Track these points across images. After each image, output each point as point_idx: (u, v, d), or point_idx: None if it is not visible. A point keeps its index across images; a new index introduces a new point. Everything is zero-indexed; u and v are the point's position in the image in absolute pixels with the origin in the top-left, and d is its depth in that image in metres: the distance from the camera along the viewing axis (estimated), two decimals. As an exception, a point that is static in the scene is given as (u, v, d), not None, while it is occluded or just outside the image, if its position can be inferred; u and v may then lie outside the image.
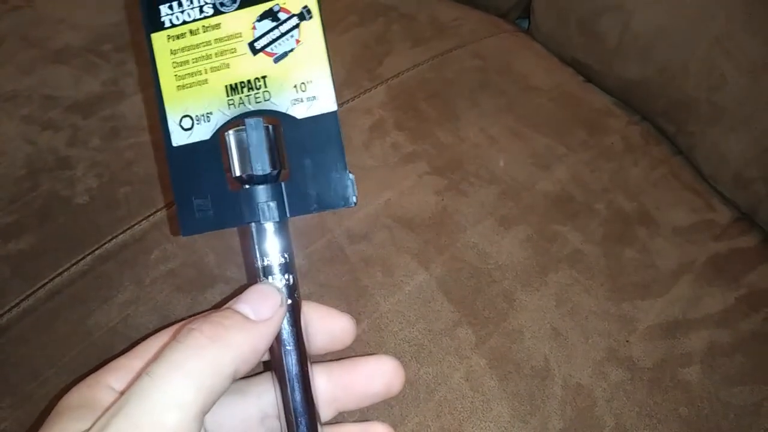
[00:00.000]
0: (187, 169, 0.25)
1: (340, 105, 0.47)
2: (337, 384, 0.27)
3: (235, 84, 0.25)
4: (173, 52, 0.25)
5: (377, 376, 0.27)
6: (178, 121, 0.25)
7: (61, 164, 0.41)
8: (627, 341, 0.37)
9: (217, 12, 0.25)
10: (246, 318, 0.22)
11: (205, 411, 0.20)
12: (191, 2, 0.25)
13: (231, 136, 0.24)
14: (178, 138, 0.25)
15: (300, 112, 0.25)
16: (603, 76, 0.54)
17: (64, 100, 0.45)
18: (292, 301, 0.24)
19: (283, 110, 0.24)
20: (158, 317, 0.35)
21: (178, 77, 0.25)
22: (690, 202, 0.46)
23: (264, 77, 0.25)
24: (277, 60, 0.25)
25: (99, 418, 0.20)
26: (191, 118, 0.25)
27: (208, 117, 0.25)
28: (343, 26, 0.54)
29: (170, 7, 0.25)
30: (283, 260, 0.24)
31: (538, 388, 0.35)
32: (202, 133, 0.25)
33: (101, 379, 0.23)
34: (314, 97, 0.25)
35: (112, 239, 0.38)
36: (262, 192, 0.24)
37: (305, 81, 0.25)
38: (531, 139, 0.47)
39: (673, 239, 0.43)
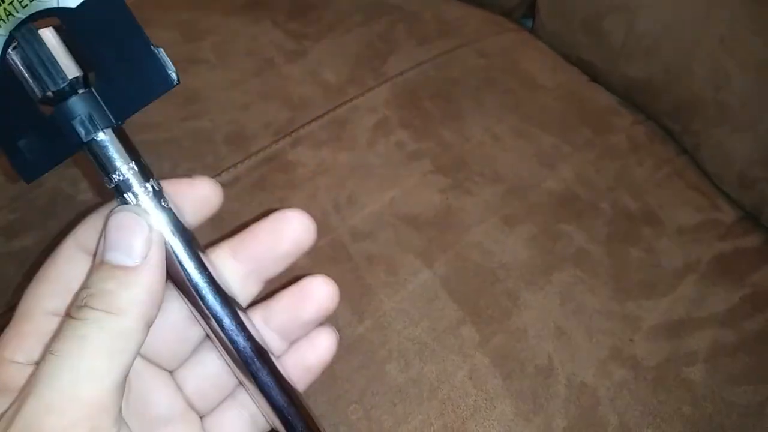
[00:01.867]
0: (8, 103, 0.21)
1: (343, 103, 0.47)
2: (244, 258, 0.24)
3: None
4: None
5: (282, 233, 0.24)
6: None
7: (65, 162, 0.41)
8: (631, 340, 0.37)
9: None
10: (126, 268, 0.19)
11: (124, 377, 0.19)
12: None
13: (12, 57, 0.20)
14: None
15: (72, 0, 0.20)
16: (608, 76, 0.54)
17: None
18: (165, 205, 0.21)
19: (54, 4, 0.20)
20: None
21: None
22: (695, 202, 0.46)
23: None
24: None
25: (12, 403, 0.19)
26: None
27: None
28: (347, 25, 0.54)
29: None
30: (135, 169, 0.21)
31: (542, 386, 0.35)
32: None
33: (5, 354, 0.21)
34: None
35: (116, 236, 0.38)
36: (75, 106, 0.20)
37: None
38: (536, 138, 0.47)
39: (677, 239, 0.43)
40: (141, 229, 0.20)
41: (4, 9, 0.20)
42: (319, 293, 0.24)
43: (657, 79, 0.50)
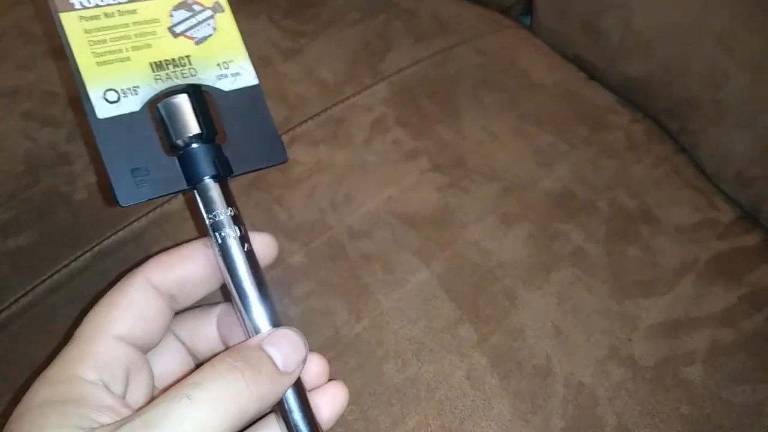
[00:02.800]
0: (118, 140, 0.24)
1: (340, 101, 0.47)
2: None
3: (160, 61, 0.26)
4: (88, 32, 0.25)
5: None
6: (101, 95, 0.24)
7: (61, 160, 0.41)
8: (629, 340, 0.37)
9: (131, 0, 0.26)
10: (276, 368, 0.23)
11: None
12: None
13: (163, 105, 0.25)
14: (103, 111, 0.24)
15: (226, 85, 0.27)
16: (606, 74, 0.54)
17: (64, 96, 0.44)
18: (248, 249, 0.25)
19: (210, 84, 0.26)
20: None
21: (97, 54, 0.25)
22: (693, 201, 0.46)
23: (188, 56, 0.26)
24: (198, 43, 0.27)
25: (121, 422, 0.20)
26: (116, 91, 0.25)
27: (135, 90, 0.25)
28: (344, 22, 0.54)
29: None
30: (231, 213, 0.25)
31: (540, 386, 0.35)
32: (131, 105, 0.25)
33: (77, 371, 0.22)
34: (237, 73, 0.27)
35: (111, 236, 0.38)
36: (201, 151, 0.25)
37: (227, 60, 0.27)
38: (533, 136, 0.47)
39: (675, 237, 0.43)
40: (301, 352, 0.24)
41: (167, 74, 0.26)
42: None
43: (655, 78, 0.49)
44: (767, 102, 0.43)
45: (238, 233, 0.25)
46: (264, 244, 0.27)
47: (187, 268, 0.26)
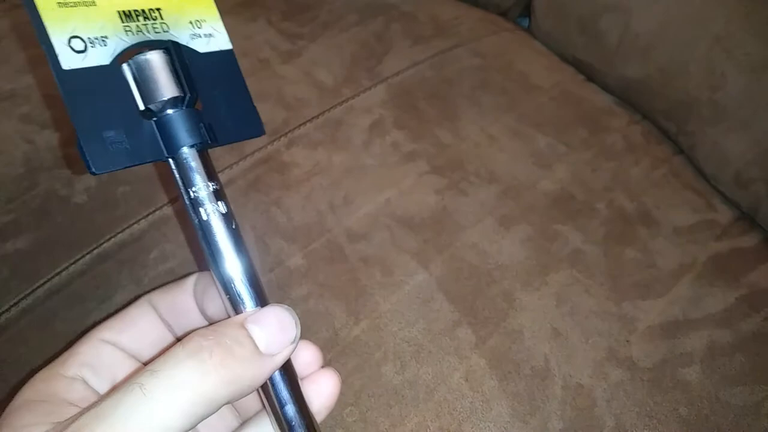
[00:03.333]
0: (88, 97, 0.21)
1: (339, 104, 0.47)
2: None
3: (129, 11, 0.23)
4: None
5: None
6: (66, 41, 0.21)
7: (60, 163, 0.41)
8: (627, 341, 0.37)
9: None
10: (255, 349, 0.21)
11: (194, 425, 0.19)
12: None
13: (136, 62, 0.22)
14: (69, 61, 0.21)
15: (200, 46, 0.24)
16: (604, 75, 0.54)
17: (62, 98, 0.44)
18: (235, 226, 0.23)
19: (184, 43, 0.24)
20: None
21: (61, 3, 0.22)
22: (691, 202, 0.46)
23: (158, 9, 0.23)
24: None
25: (75, 417, 0.19)
26: (82, 39, 0.22)
27: (103, 41, 0.22)
28: (342, 25, 0.54)
29: None
30: (214, 187, 0.23)
31: (538, 388, 0.35)
32: (100, 57, 0.22)
33: (59, 370, 0.22)
34: (210, 35, 0.25)
35: (110, 238, 0.38)
36: (172, 120, 0.22)
37: (199, 19, 0.24)
38: (531, 138, 0.47)
39: (673, 239, 0.43)
40: (290, 332, 0.22)
41: (137, 26, 0.23)
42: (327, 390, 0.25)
43: (653, 79, 0.50)
44: (765, 103, 0.43)
45: (223, 210, 0.22)
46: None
47: (180, 296, 0.25)
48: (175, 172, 0.23)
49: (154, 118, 0.22)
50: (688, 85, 0.47)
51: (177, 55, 0.23)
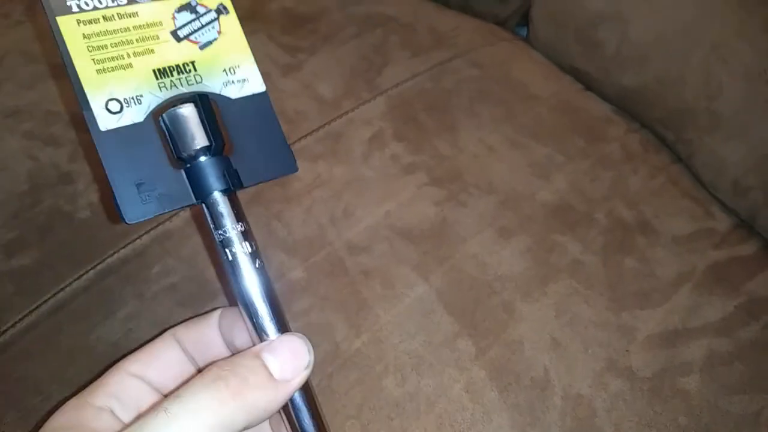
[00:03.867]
0: (122, 154, 0.23)
1: (339, 116, 0.48)
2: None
3: (163, 68, 0.25)
4: (87, 36, 0.24)
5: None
6: (103, 105, 0.23)
7: (63, 179, 0.41)
8: (626, 351, 0.37)
9: (132, 2, 0.25)
10: (270, 376, 0.22)
11: None
12: None
13: (168, 116, 0.24)
14: (106, 122, 0.23)
15: (233, 92, 0.26)
16: (601, 84, 0.54)
17: (65, 115, 0.45)
18: (260, 264, 0.24)
19: (217, 91, 0.25)
20: (160, 331, 0.35)
21: (97, 61, 0.24)
22: (689, 211, 0.46)
23: (192, 62, 0.25)
24: (202, 47, 0.26)
25: None
26: (119, 101, 0.24)
27: (138, 100, 0.24)
28: (341, 37, 0.54)
29: None
30: (241, 229, 0.24)
31: (538, 398, 0.35)
32: (134, 116, 0.24)
33: (89, 399, 0.24)
34: (245, 79, 0.26)
35: (113, 254, 0.38)
36: (209, 164, 0.24)
37: (233, 66, 0.26)
38: (530, 149, 0.48)
39: (672, 248, 0.43)
40: (302, 359, 0.23)
41: (171, 81, 0.24)
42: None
43: (650, 88, 0.50)
44: (761, 111, 0.44)
45: (249, 249, 0.24)
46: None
47: (206, 329, 0.27)
48: (207, 214, 0.24)
49: (186, 166, 0.24)
50: (685, 93, 0.47)
51: (206, 105, 0.25)
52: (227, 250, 0.24)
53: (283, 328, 0.24)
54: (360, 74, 0.51)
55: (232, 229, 0.24)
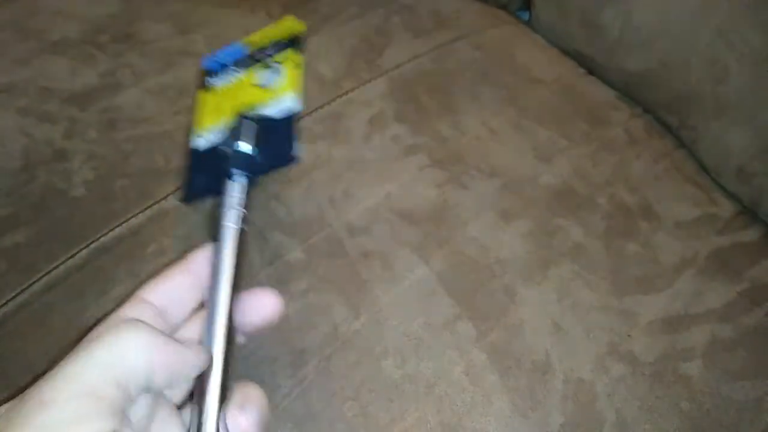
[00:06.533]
0: (199, 164, 0.34)
1: (339, 96, 0.47)
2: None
3: (239, 105, 0.35)
4: (212, 101, 0.37)
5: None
6: (202, 134, 0.35)
7: (58, 157, 0.41)
8: (628, 336, 0.37)
9: (242, 73, 0.37)
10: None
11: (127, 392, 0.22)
12: (227, 76, 0.38)
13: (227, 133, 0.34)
14: (200, 144, 0.35)
15: (270, 112, 0.34)
16: (605, 69, 0.53)
17: (60, 92, 0.44)
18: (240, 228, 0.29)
19: (263, 113, 0.34)
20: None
21: (208, 114, 0.36)
22: (692, 196, 0.45)
23: (255, 101, 0.35)
24: (266, 87, 0.35)
25: None
26: (211, 131, 0.35)
27: (223, 129, 0.34)
28: (343, 17, 0.53)
29: (215, 77, 0.38)
30: (239, 212, 0.30)
31: (539, 382, 0.35)
32: (216, 138, 0.34)
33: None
34: (281, 101, 0.35)
35: (108, 232, 0.38)
36: (230, 161, 0.32)
37: (279, 94, 0.35)
38: (532, 132, 0.47)
39: (675, 233, 0.42)
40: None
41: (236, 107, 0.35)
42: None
43: (654, 72, 0.49)
44: (767, 97, 0.43)
45: (237, 225, 0.29)
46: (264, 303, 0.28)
47: (174, 283, 0.27)
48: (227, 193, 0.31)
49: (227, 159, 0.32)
50: (690, 78, 0.47)
51: (253, 122, 0.33)
52: (224, 223, 0.29)
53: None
54: (361, 54, 0.51)
55: (236, 211, 0.30)
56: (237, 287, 0.28)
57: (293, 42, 0.37)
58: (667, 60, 0.48)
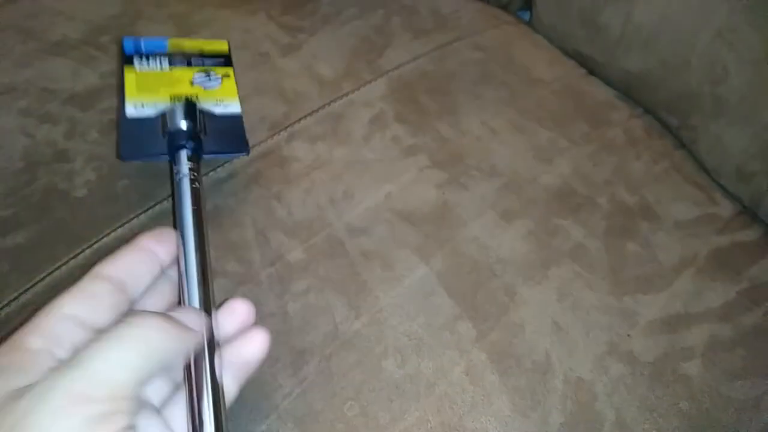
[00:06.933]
0: (134, 130, 0.38)
1: (339, 97, 0.47)
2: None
3: (176, 95, 0.40)
4: (138, 77, 0.41)
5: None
6: (133, 104, 0.39)
7: (59, 157, 0.41)
8: (628, 335, 0.37)
9: (170, 67, 0.42)
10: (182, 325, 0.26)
11: (144, 382, 0.23)
12: (153, 61, 0.42)
13: (168, 108, 0.38)
14: (131, 112, 0.38)
15: (218, 111, 0.40)
16: (605, 69, 0.53)
17: (62, 92, 0.44)
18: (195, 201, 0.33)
19: (206, 108, 0.40)
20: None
21: (139, 88, 0.40)
22: (692, 196, 0.45)
23: (196, 95, 0.40)
24: (206, 89, 0.41)
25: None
26: (143, 104, 0.39)
27: (155, 106, 0.39)
28: (342, 18, 0.53)
29: (139, 60, 0.42)
30: (191, 174, 0.34)
31: (539, 382, 0.35)
32: (149, 112, 0.39)
33: (24, 342, 0.24)
34: (227, 105, 0.41)
35: (110, 233, 0.38)
36: (177, 137, 0.37)
37: (222, 98, 0.41)
38: (533, 132, 0.47)
39: (675, 233, 0.42)
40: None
41: (179, 99, 0.39)
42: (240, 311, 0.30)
43: (654, 73, 0.49)
44: (767, 97, 0.43)
45: (192, 182, 0.34)
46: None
47: (128, 258, 0.28)
48: (175, 161, 0.35)
49: (168, 136, 0.37)
50: (690, 78, 0.47)
51: (191, 107, 0.38)
52: (181, 183, 0.33)
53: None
54: (361, 55, 0.51)
55: (186, 171, 0.34)
56: (203, 247, 0.31)
57: (226, 59, 0.44)
58: (667, 60, 0.48)
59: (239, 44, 0.49)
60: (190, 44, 0.44)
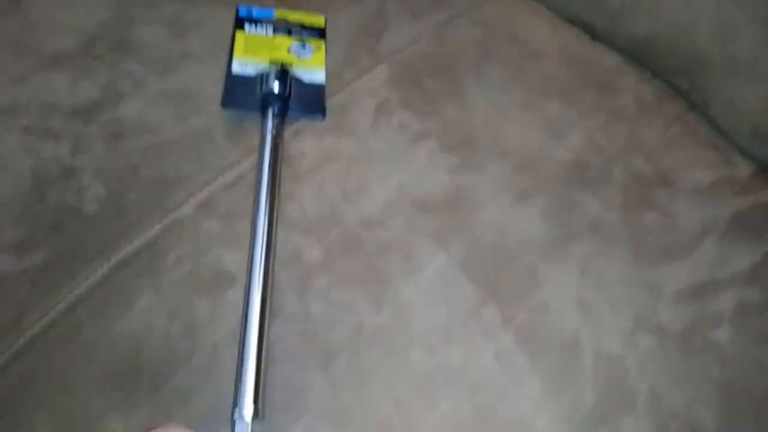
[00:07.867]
0: (237, 85, 0.45)
1: (341, 88, 0.46)
2: None
3: (274, 59, 0.47)
4: (247, 39, 0.48)
5: None
6: (238, 63, 0.46)
7: (67, 174, 0.40)
8: (655, 307, 0.37)
9: (273, 35, 0.49)
10: None
11: None
12: (260, 27, 0.49)
13: (266, 71, 0.45)
14: (236, 69, 0.46)
15: (306, 78, 0.46)
16: (609, 35, 0.52)
17: (62, 107, 0.44)
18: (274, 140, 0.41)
19: (297, 75, 0.46)
20: (181, 321, 0.35)
21: (245, 49, 0.47)
22: (708, 159, 0.45)
23: (291, 62, 0.47)
24: (299, 59, 0.47)
25: None
26: (246, 63, 0.46)
27: (256, 66, 0.46)
28: (337, 5, 0.52)
29: (249, 25, 0.49)
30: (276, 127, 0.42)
31: (569, 362, 0.35)
32: (251, 71, 0.46)
33: None
34: (314, 74, 0.46)
35: (126, 246, 0.38)
36: (273, 96, 0.44)
37: (311, 67, 0.47)
38: (541, 107, 0.46)
39: (694, 199, 0.42)
40: None
41: (276, 64, 0.47)
42: None
43: (661, 37, 0.48)
44: (779, 52, 0.42)
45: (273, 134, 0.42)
46: None
47: None
48: (266, 116, 0.43)
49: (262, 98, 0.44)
50: (699, 40, 0.46)
51: (285, 74, 0.45)
52: (266, 140, 0.41)
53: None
54: (360, 42, 0.50)
55: (271, 137, 0.41)
56: (274, 189, 0.38)
57: (321, 32, 0.49)
58: (674, 23, 0.47)
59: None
60: (293, 16, 0.50)
